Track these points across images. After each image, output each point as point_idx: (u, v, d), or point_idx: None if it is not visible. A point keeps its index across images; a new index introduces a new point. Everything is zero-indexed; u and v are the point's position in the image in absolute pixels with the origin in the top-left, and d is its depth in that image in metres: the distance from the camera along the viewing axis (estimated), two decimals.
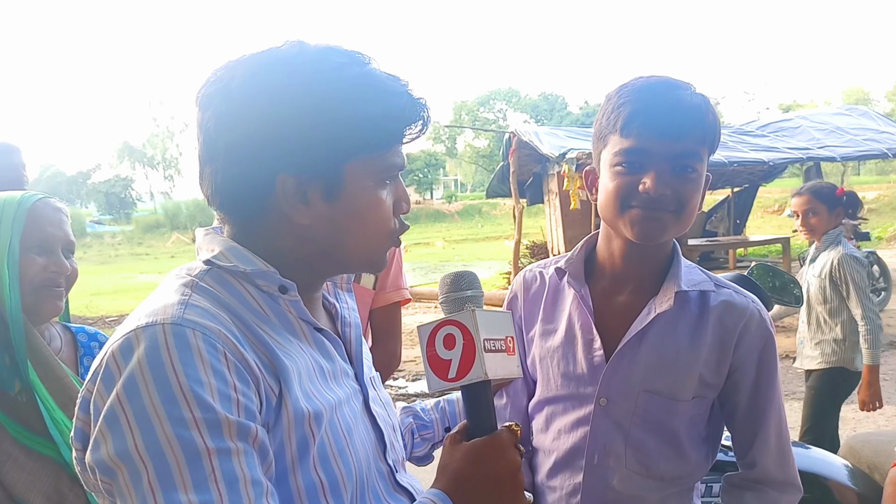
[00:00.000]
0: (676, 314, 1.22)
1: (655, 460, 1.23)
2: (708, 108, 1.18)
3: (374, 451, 0.92)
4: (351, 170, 0.85)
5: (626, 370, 1.22)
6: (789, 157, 10.18)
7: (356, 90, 0.83)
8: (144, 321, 0.76)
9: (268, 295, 0.86)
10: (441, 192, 60.83)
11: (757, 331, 1.24)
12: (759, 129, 11.66)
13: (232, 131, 0.83)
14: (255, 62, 0.84)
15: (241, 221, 0.88)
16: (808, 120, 11.57)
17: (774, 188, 22.28)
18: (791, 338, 7.25)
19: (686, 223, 1.20)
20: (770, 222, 23.71)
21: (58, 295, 1.33)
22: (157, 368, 0.72)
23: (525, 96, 63.89)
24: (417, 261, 20.90)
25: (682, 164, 1.15)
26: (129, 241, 35.95)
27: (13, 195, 1.33)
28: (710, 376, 1.23)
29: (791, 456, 1.27)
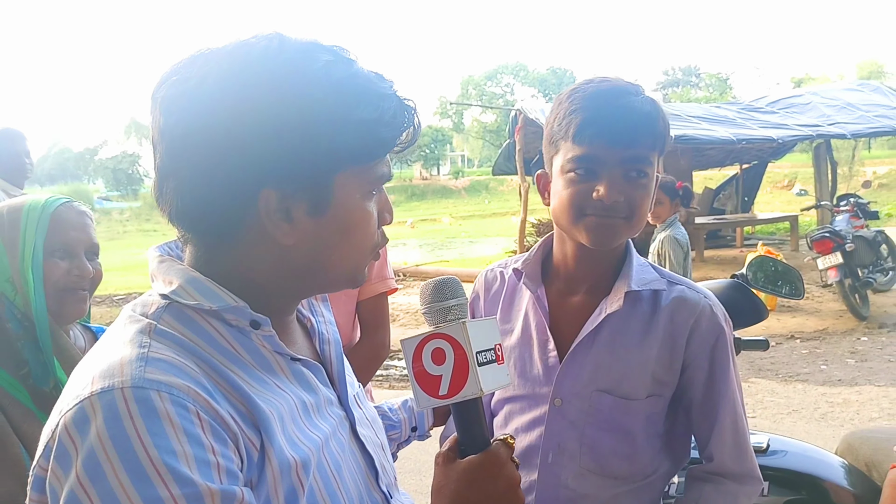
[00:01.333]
0: (628, 313, 1.23)
1: (609, 459, 1.23)
2: (658, 113, 1.19)
3: (365, 481, 0.86)
4: (340, 182, 0.76)
5: (579, 370, 1.23)
6: (799, 135, 10.05)
7: (347, 93, 0.74)
8: (99, 385, 0.66)
9: (237, 330, 0.76)
10: (448, 168, 60.59)
11: (708, 326, 1.23)
12: (768, 106, 11.49)
13: (204, 140, 0.71)
14: (229, 59, 0.72)
15: (209, 242, 0.77)
16: (818, 96, 11.39)
17: (784, 163, 22.03)
18: (797, 318, 7.23)
19: (637, 227, 1.21)
20: (779, 197, 23.53)
21: (81, 298, 1.36)
22: (121, 443, 0.62)
23: (533, 70, 63.17)
24: (424, 237, 20.89)
25: (635, 171, 1.17)
26: (136, 218, 36.07)
27: (38, 199, 1.35)
28: (664, 374, 1.23)
29: (748, 449, 1.26)
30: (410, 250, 17.32)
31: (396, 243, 19.20)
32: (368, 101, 0.75)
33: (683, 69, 65.23)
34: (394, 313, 8.62)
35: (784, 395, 5.09)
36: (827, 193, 11.02)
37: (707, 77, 57.58)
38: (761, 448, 1.67)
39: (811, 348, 6.28)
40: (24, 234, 1.31)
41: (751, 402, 4.97)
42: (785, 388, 5.25)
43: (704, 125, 10.14)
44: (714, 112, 11.21)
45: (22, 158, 3.85)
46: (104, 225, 32.89)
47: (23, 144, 3.90)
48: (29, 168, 3.92)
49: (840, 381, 5.33)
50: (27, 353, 1.27)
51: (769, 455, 1.67)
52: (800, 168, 26.49)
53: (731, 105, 12.47)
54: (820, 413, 4.69)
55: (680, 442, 1.32)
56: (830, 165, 11.44)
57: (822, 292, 8.04)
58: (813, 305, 7.68)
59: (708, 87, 54.12)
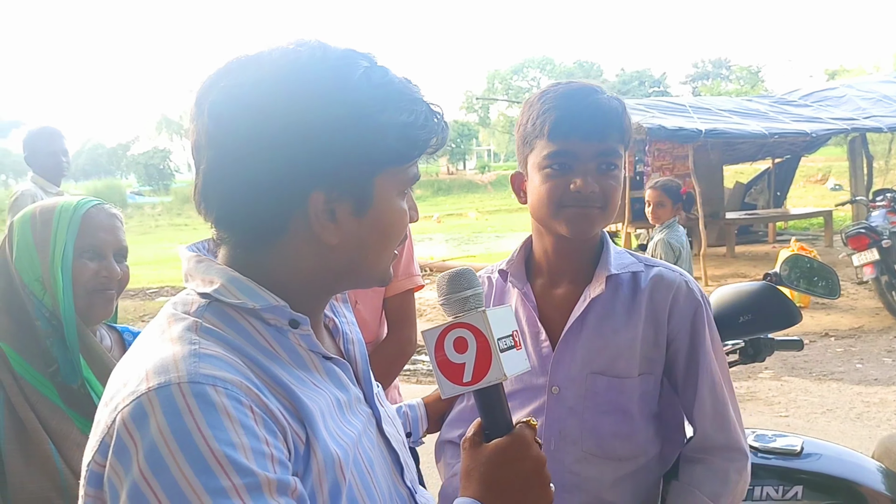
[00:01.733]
0: (611, 297, 1.30)
1: (609, 440, 1.28)
2: (623, 110, 1.28)
3: (391, 476, 0.88)
4: (379, 183, 0.79)
5: (572, 356, 1.29)
6: (833, 129, 9.83)
7: (386, 98, 0.77)
8: (155, 381, 0.67)
9: (275, 329, 0.79)
10: (474, 163, 60.46)
11: (686, 301, 1.30)
12: (801, 99, 11.27)
13: (257, 147, 0.74)
14: (277, 67, 0.75)
15: (251, 243, 0.79)
16: (853, 88, 11.13)
17: (818, 157, 21.56)
18: (831, 315, 7.09)
19: (611, 216, 1.29)
20: (812, 192, 23.06)
21: (109, 298, 1.38)
22: (182, 436, 0.64)
23: (560, 64, 62.75)
24: (451, 232, 20.90)
25: (606, 163, 1.25)
26: (168, 212, 36.66)
27: (70, 201, 1.38)
28: (651, 351, 1.29)
29: (732, 420, 1.29)
30: (437, 245, 17.35)
31: (423, 238, 19.24)
32: (404, 106, 0.79)
33: (713, 61, 64.24)
34: (420, 308, 8.65)
35: (818, 395, 5.00)
36: (862, 188, 10.78)
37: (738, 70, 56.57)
38: (795, 451, 1.64)
39: (846, 346, 6.15)
40: (55, 235, 1.33)
41: (784, 401, 4.89)
42: (819, 387, 5.15)
43: (736, 119, 9.97)
44: (745, 105, 11.02)
45: (59, 157, 3.93)
46: (136, 219, 33.48)
47: (60, 143, 3.98)
48: (66, 166, 4.00)
49: (876, 380, 5.22)
50: (56, 351, 1.30)
51: (803, 458, 1.64)
52: (834, 162, 25.93)
53: (763, 98, 12.25)
54: (855, 413, 4.60)
55: (675, 422, 1.36)
56: (866, 159, 11.19)
57: (858, 289, 7.88)
58: (848, 303, 7.52)
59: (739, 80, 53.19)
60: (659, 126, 9.08)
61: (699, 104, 11.00)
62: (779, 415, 4.65)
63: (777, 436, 1.70)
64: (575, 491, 1.28)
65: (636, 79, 58.84)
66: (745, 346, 1.80)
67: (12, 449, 1.23)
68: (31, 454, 1.23)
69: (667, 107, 10.65)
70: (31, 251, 1.34)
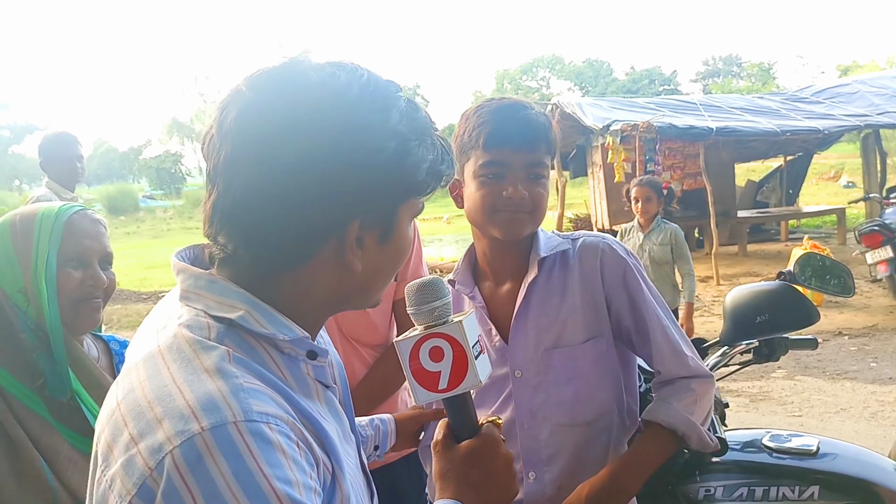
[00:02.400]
0: (546, 277, 1.42)
1: (575, 408, 1.39)
2: (550, 125, 1.39)
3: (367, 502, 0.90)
4: (401, 213, 0.81)
5: (524, 340, 1.40)
6: (846, 125, 9.75)
7: (423, 133, 0.80)
8: (207, 421, 0.64)
9: (288, 357, 0.78)
10: None
11: (612, 259, 1.41)
12: (813, 95, 11.19)
13: (308, 176, 0.72)
14: (326, 96, 0.74)
15: (274, 265, 0.77)
16: (866, 84, 11.04)
17: (831, 154, 21.36)
18: (845, 314, 7.03)
19: (539, 220, 1.40)
20: (825, 189, 22.84)
21: (95, 307, 1.34)
22: (245, 477, 0.63)
23: (569, 63, 62.57)
24: (460, 233, 20.88)
25: (535, 173, 1.36)
26: (179, 216, 36.82)
27: (51, 208, 1.33)
28: (594, 314, 1.40)
29: (686, 352, 1.40)
30: (446, 246, 17.34)
31: (433, 239, 19.24)
32: (432, 142, 0.81)
33: (724, 59, 63.83)
34: None
35: (832, 394, 4.96)
36: (876, 185, 10.69)
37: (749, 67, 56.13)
38: (811, 451, 1.62)
39: (860, 345, 6.10)
40: (37, 244, 1.28)
41: (797, 401, 4.86)
42: (833, 387, 5.11)
43: (747, 116, 9.92)
44: (757, 103, 10.96)
45: (74, 162, 3.93)
46: (148, 223, 33.69)
47: (76, 148, 3.99)
48: (81, 172, 3.99)
49: (891, 378, 5.17)
50: (42, 364, 1.25)
51: (819, 458, 1.62)
52: (847, 159, 25.69)
53: (775, 95, 12.18)
54: (870, 412, 4.56)
55: (629, 373, 1.47)
56: (879, 156, 11.09)
57: (872, 287, 7.80)
58: (862, 301, 7.45)
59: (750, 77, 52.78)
60: (669, 124, 9.04)
61: (710, 102, 10.95)
62: (792, 414, 4.62)
63: (792, 436, 1.69)
64: (553, 462, 1.40)
65: (646, 77, 58.56)
66: (759, 346, 1.79)
67: (3, 468, 1.19)
68: (22, 472, 1.19)
69: (677, 105, 10.61)
70: (13, 261, 1.28)
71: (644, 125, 8.95)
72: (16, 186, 51.99)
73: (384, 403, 1.87)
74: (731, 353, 1.82)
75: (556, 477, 1.40)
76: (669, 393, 1.39)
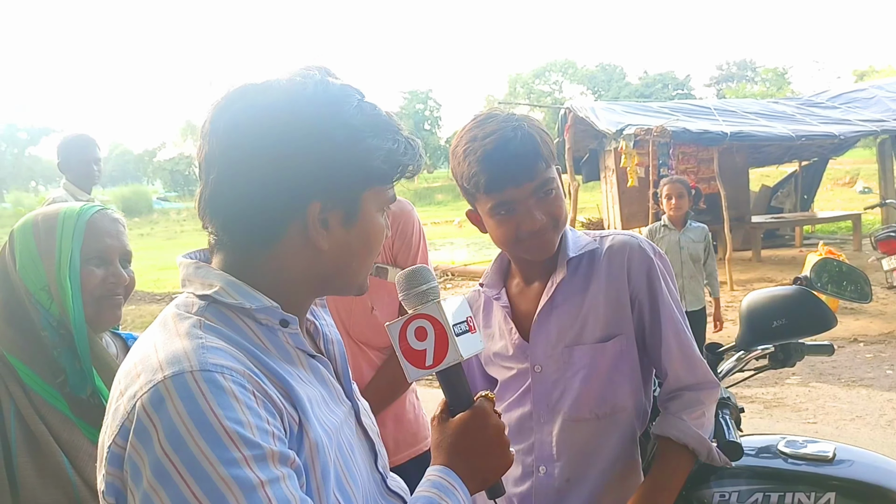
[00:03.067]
0: (572, 276, 1.44)
1: (589, 403, 1.42)
2: (541, 139, 1.36)
3: (369, 461, 0.98)
4: (366, 199, 0.91)
5: (546, 336, 1.44)
6: (862, 130, 9.68)
7: (376, 126, 0.90)
8: (170, 370, 0.77)
9: (267, 328, 0.88)
10: None
11: (640, 257, 1.43)
12: (829, 100, 11.12)
13: (267, 160, 0.84)
14: (285, 94, 0.86)
15: (250, 248, 0.88)
16: (883, 90, 10.94)
17: (846, 159, 21.15)
18: (860, 320, 6.96)
19: (563, 227, 1.43)
20: (840, 195, 22.66)
21: (117, 304, 1.36)
22: (198, 416, 0.73)
23: (582, 67, 62.46)
24: (471, 236, 20.86)
25: (544, 191, 1.37)
26: (193, 218, 36.97)
27: (73, 207, 1.36)
28: (617, 311, 1.42)
29: (697, 359, 1.44)
30: (458, 249, 17.35)
31: (444, 242, 19.24)
32: (389, 134, 0.91)
33: (738, 63, 63.49)
34: None
35: (847, 401, 4.91)
36: (892, 191, 10.60)
37: (764, 71, 55.81)
38: (827, 457, 1.61)
39: (876, 352, 6.03)
40: (60, 243, 1.31)
41: (812, 408, 4.82)
42: (848, 394, 5.06)
43: (762, 121, 9.86)
44: (772, 108, 10.89)
45: (91, 165, 3.95)
46: (162, 225, 33.96)
47: (93, 151, 4.00)
48: (97, 174, 4.02)
49: None
50: (63, 362, 1.28)
51: (835, 464, 1.60)
52: (863, 164, 25.46)
53: (790, 100, 12.11)
54: (886, 420, 4.51)
55: (645, 375, 1.49)
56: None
57: (888, 294, 7.72)
58: (878, 308, 7.37)
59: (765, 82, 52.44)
60: (683, 129, 9.01)
61: (724, 106, 10.89)
62: (807, 421, 4.58)
63: (808, 442, 1.67)
64: (563, 455, 1.44)
65: (660, 81, 58.37)
66: (774, 351, 1.78)
67: (25, 462, 1.21)
68: (43, 467, 1.22)
69: (691, 109, 10.57)
70: (36, 260, 1.31)
71: (658, 129, 8.92)
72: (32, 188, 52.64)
73: (392, 405, 1.88)
74: (747, 358, 1.81)
75: (564, 470, 1.44)
76: (679, 407, 1.42)
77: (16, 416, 1.24)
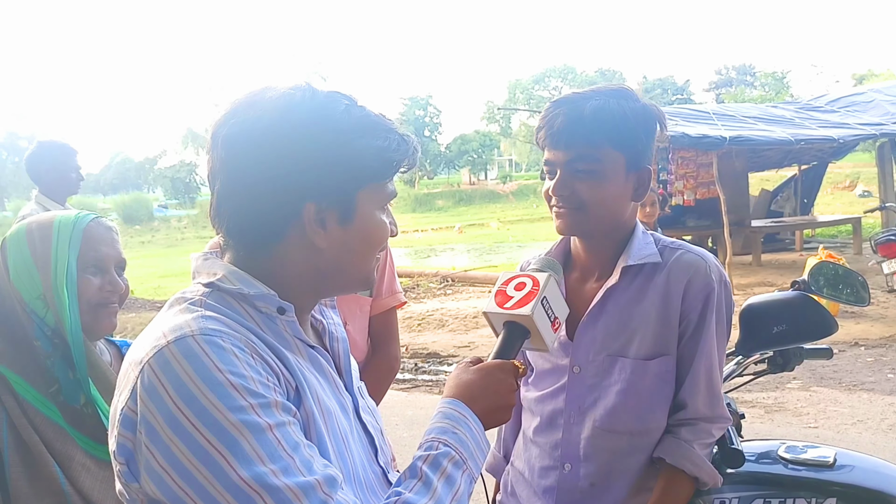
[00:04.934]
0: (627, 285, 1.41)
1: (621, 417, 1.39)
2: (623, 116, 1.32)
3: (367, 454, 1.01)
4: (361, 197, 0.94)
5: (591, 340, 1.42)
6: (861, 134, 9.68)
7: (363, 127, 0.94)
8: (172, 336, 0.83)
9: (265, 316, 0.93)
10: (495, 173, 60.41)
11: (702, 281, 1.38)
12: (828, 105, 11.12)
13: (260, 168, 0.90)
14: (275, 106, 0.91)
15: (254, 247, 0.94)
16: (881, 93, 10.95)
17: (846, 163, 21.19)
18: (861, 324, 6.95)
19: (594, 216, 1.37)
20: (840, 199, 22.67)
21: (113, 312, 1.37)
22: (203, 371, 0.80)
23: (581, 73, 62.58)
24: (472, 242, 20.89)
25: (575, 168, 1.34)
26: (193, 225, 37.11)
27: (68, 216, 1.36)
28: (665, 330, 1.38)
29: (719, 397, 1.42)
30: (458, 255, 17.36)
31: (444, 248, 19.26)
32: (378, 133, 0.95)
33: (737, 68, 63.59)
34: (443, 318, 8.65)
35: (848, 405, 4.90)
36: (892, 194, 10.58)
37: (762, 76, 55.89)
38: (827, 462, 1.60)
39: (877, 356, 6.02)
40: (56, 251, 1.30)
41: (813, 412, 4.80)
42: (849, 398, 5.05)
43: (761, 126, 9.86)
44: (771, 112, 10.90)
45: (67, 173, 3.63)
46: (163, 232, 33.98)
47: (74, 160, 3.68)
48: (75, 182, 3.68)
49: None
50: (57, 371, 1.27)
51: (836, 469, 1.60)
52: (862, 168, 25.48)
53: (789, 104, 12.12)
54: (888, 424, 4.49)
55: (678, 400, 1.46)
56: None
57: (888, 298, 7.71)
58: (878, 311, 7.36)
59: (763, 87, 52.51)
60: (682, 134, 9.01)
61: (723, 111, 10.90)
62: (808, 426, 4.57)
63: (808, 447, 1.66)
64: (590, 460, 1.43)
65: (659, 86, 58.47)
66: (773, 356, 1.77)
67: (17, 473, 1.21)
68: (36, 477, 1.21)
69: (690, 114, 10.57)
70: (31, 268, 1.30)
71: None
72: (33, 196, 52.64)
73: None
74: (746, 363, 1.81)
75: (590, 473, 1.43)
76: (691, 436, 1.40)
77: (8, 426, 1.23)
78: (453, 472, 0.93)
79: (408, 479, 0.92)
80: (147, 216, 40.10)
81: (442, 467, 0.92)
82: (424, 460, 0.93)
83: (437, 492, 0.90)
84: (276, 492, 0.77)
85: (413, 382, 6.30)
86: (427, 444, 0.96)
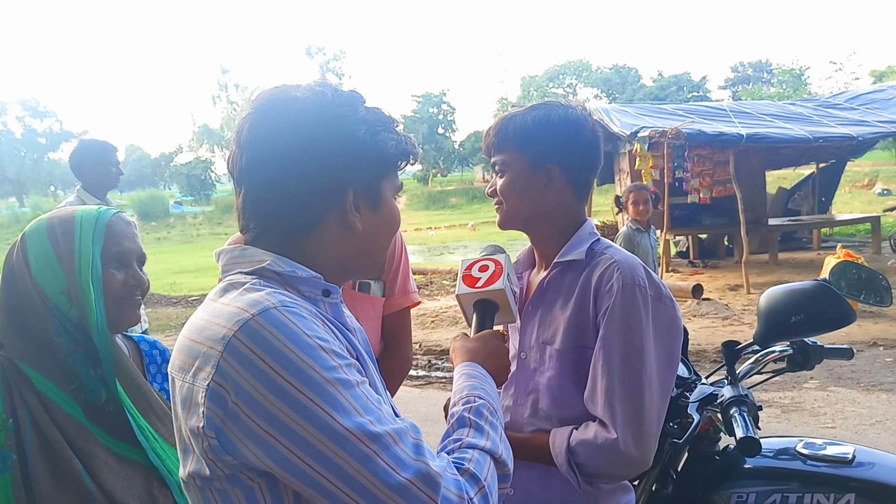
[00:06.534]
0: (559, 279, 1.52)
1: (550, 403, 1.48)
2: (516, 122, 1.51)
3: None
4: (384, 185, 1.05)
5: (530, 328, 1.55)
6: (880, 132, 9.57)
7: (383, 122, 1.04)
8: (254, 310, 0.87)
9: (309, 299, 0.99)
10: None
11: (610, 283, 1.41)
12: (847, 102, 11.00)
13: (306, 157, 0.97)
14: (308, 103, 0.99)
15: (291, 235, 1.00)
16: None
17: (865, 161, 20.94)
18: (880, 324, 6.88)
19: (510, 210, 1.53)
20: (859, 198, 22.38)
21: (136, 305, 1.38)
22: (295, 337, 0.86)
23: (596, 69, 62.27)
24: (486, 239, 20.85)
25: (497, 170, 1.55)
26: (209, 221, 37.36)
27: (90, 211, 1.36)
28: (582, 326, 1.44)
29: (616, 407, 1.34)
30: (471, 252, 17.34)
31: (458, 245, 19.26)
32: (392, 128, 1.05)
33: (753, 65, 63.03)
34: (456, 316, 8.66)
35: (867, 406, 4.86)
36: None
37: (780, 73, 55.27)
38: (846, 459, 1.60)
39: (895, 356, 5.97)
40: (79, 246, 1.30)
41: (830, 412, 4.77)
42: (868, 398, 5.01)
43: (778, 123, 9.78)
44: (788, 109, 10.81)
45: (108, 168, 3.93)
46: (178, 229, 34.21)
47: (114, 156, 3.98)
48: (115, 176, 3.98)
49: None
50: (78, 368, 1.27)
51: (855, 466, 1.60)
52: (881, 166, 25.15)
53: (807, 102, 12.00)
54: None
55: None
56: None
57: None
58: None
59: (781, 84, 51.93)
60: (698, 131, 8.96)
61: (740, 108, 10.82)
62: (825, 426, 4.54)
63: (827, 443, 1.66)
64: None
65: (674, 83, 58.04)
66: (793, 354, 1.76)
67: (41, 469, 1.21)
68: (59, 474, 1.21)
69: (707, 111, 10.51)
70: (53, 263, 1.29)
71: (673, 131, 8.87)
72: (51, 192, 53.25)
73: None
74: (765, 360, 1.80)
75: None
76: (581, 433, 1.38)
77: (31, 423, 1.23)
78: (492, 419, 1.05)
79: (458, 428, 1.03)
80: (163, 212, 40.41)
81: (484, 416, 1.05)
82: (469, 411, 1.05)
83: (489, 435, 1.02)
84: (378, 438, 0.85)
85: (427, 379, 6.32)
86: (465, 398, 1.08)
